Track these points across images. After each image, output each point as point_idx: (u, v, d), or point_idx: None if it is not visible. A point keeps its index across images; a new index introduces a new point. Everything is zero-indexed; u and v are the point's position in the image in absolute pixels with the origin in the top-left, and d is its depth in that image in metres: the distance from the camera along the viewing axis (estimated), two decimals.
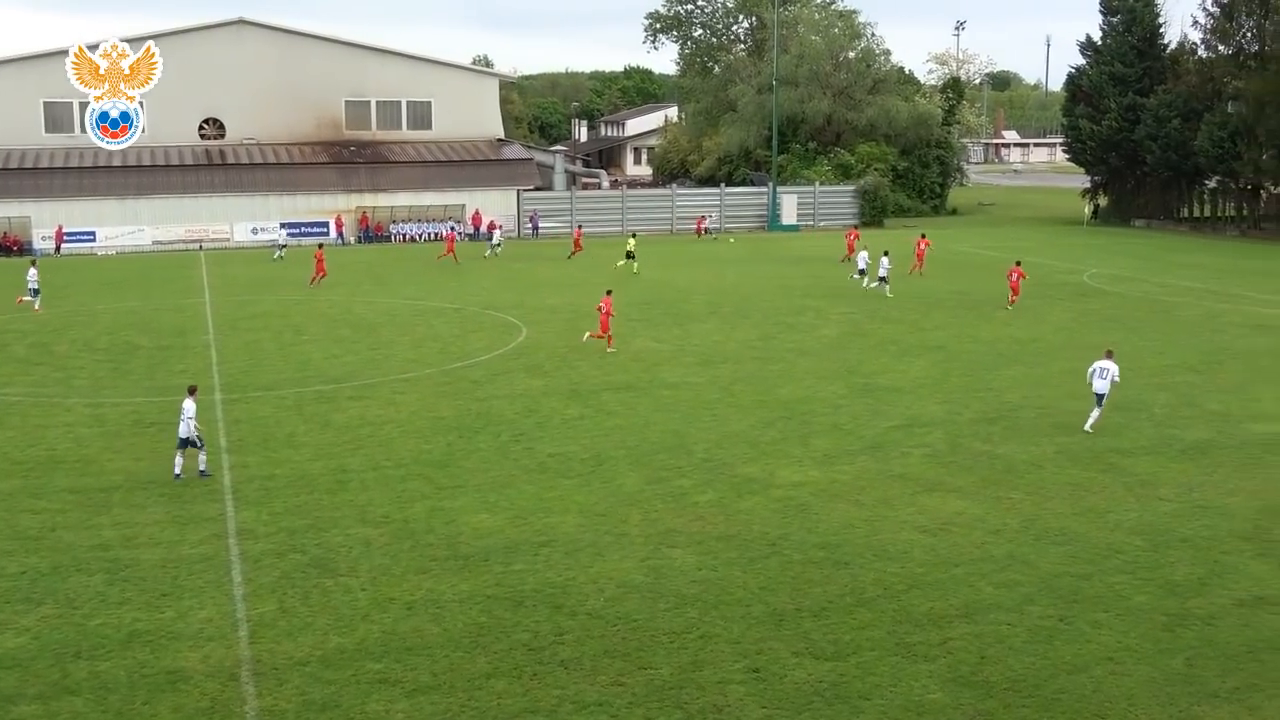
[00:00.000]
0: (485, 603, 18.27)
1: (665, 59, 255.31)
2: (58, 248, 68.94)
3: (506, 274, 57.32)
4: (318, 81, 78.66)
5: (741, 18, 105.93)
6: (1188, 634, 17.21)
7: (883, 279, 49.14)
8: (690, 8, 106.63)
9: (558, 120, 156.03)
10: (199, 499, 23.34)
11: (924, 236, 58.51)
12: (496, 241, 65.97)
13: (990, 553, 20.35)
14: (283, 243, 66.27)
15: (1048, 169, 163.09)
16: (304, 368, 35.89)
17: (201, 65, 74.91)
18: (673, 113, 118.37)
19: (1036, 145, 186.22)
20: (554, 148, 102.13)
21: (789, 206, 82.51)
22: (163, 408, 30.34)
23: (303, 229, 72.41)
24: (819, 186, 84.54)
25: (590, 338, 38.15)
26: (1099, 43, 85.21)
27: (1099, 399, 28.14)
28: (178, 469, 24.54)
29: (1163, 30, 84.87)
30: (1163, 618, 17.72)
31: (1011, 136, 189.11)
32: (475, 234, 74.26)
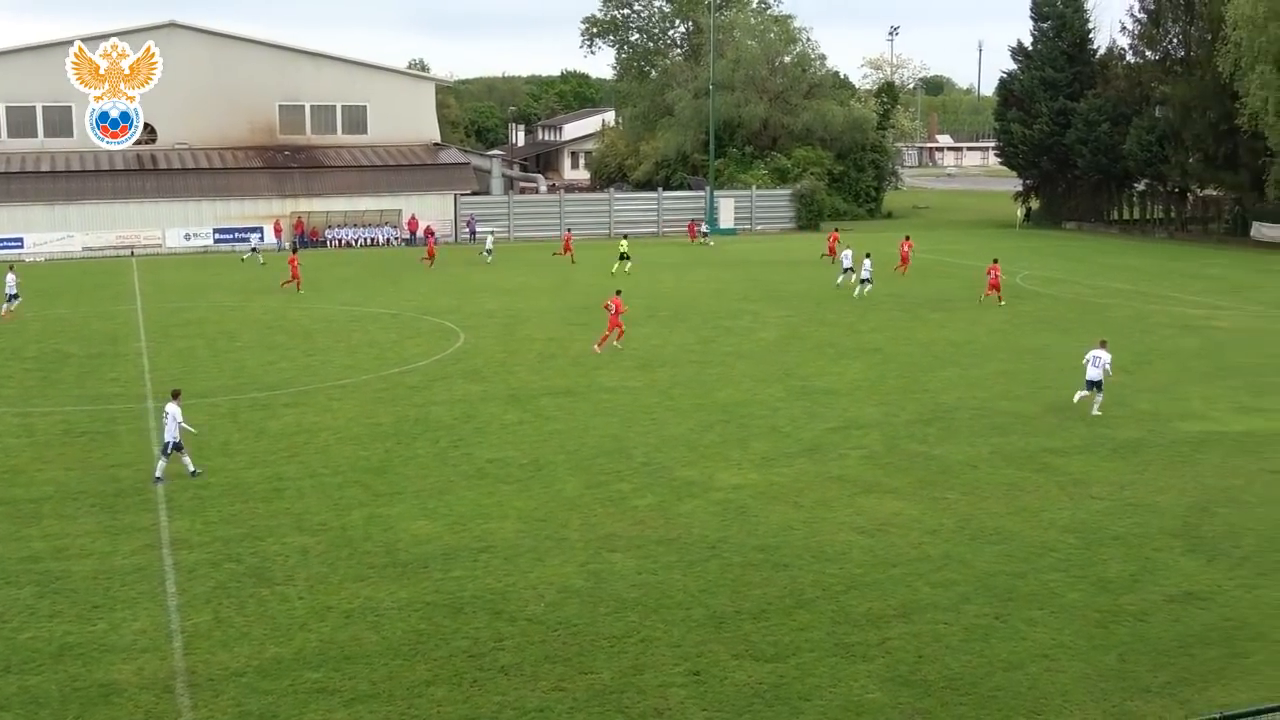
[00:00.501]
0: (424, 610, 18.15)
1: (602, 63, 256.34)
2: None
3: (443, 279, 57.02)
4: (251, 85, 77.75)
5: (678, 22, 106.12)
6: (1120, 630, 17.48)
7: (865, 280, 49.63)
8: (627, 12, 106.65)
9: (495, 125, 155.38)
10: (131, 509, 22.99)
11: (908, 238, 58.76)
12: (489, 247, 65.22)
13: (927, 553, 20.56)
14: (254, 245, 65.56)
15: (981, 172, 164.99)
16: (238, 375, 35.47)
17: None
18: (610, 117, 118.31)
19: (970, 149, 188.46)
20: (491, 152, 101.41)
21: (726, 210, 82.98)
22: (94, 416, 29.86)
23: (235, 234, 71.59)
24: (756, 190, 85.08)
25: (605, 341, 38.35)
26: (1030, 48, 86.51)
27: (1089, 385, 29.57)
28: (159, 472, 24.51)
29: (1092, 36, 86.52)
30: (1096, 614, 17.98)
31: (945, 140, 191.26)
32: (411, 239, 73.83)
